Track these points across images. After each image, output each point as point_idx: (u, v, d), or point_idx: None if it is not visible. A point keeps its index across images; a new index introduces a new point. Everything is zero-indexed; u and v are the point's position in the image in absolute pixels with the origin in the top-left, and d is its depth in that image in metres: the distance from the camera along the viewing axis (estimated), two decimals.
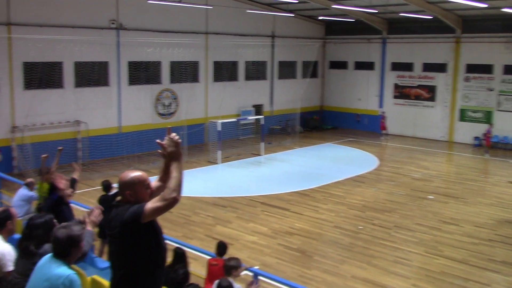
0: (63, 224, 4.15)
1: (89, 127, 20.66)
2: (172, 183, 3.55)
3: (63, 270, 3.90)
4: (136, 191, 3.75)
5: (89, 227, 4.88)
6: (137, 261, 3.71)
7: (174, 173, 3.59)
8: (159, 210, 3.56)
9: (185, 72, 24.30)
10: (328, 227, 13.66)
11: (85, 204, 11.62)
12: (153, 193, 3.91)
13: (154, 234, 3.78)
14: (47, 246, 4.59)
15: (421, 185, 18.21)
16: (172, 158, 3.69)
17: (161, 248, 3.91)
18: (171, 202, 3.53)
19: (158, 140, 3.80)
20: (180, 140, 3.77)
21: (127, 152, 21.48)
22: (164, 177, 3.97)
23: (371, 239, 12.74)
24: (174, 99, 24.11)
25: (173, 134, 3.75)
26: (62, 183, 7.08)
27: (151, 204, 3.59)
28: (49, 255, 4.03)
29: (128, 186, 3.77)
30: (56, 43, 19.29)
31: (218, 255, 7.96)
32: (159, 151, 3.81)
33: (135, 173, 3.84)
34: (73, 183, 9.09)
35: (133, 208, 3.63)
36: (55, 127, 19.82)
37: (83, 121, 20.56)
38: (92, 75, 21.14)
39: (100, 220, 5.04)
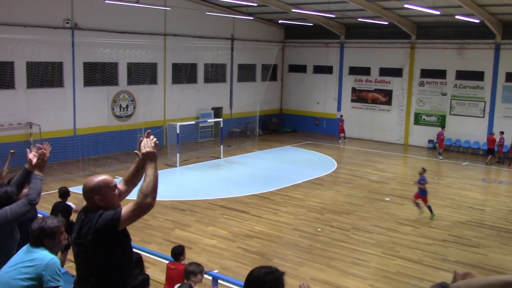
0: (42, 217, 4.28)
1: (42, 130, 19.99)
2: (146, 187, 3.51)
3: (46, 254, 3.98)
4: (105, 195, 3.63)
5: (36, 172, 4.80)
6: (111, 269, 3.60)
7: (148, 177, 3.56)
8: (135, 217, 3.51)
9: (142, 73, 23.91)
10: (287, 229, 13.69)
11: (39, 210, 11.17)
12: (121, 194, 3.82)
13: (127, 240, 3.71)
14: None
15: (378, 187, 18.54)
16: (148, 159, 3.66)
17: (132, 254, 3.85)
18: (146, 208, 3.49)
19: (141, 138, 3.78)
20: (157, 142, 3.77)
21: (82, 155, 20.90)
22: (131, 180, 3.93)
23: (329, 241, 12.84)
24: (132, 101, 23.68)
25: (152, 137, 3.75)
26: None
27: (126, 211, 3.50)
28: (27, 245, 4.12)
29: (95, 191, 3.63)
30: (7, 42, 18.58)
31: (174, 260, 7.83)
32: (136, 151, 3.77)
33: (100, 177, 3.73)
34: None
35: (107, 215, 3.52)
36: (6, 129, 19.07)
37: (36, 123, 19.88)
38: (45, 75, 20.48)
39: (44, 161, 4.92)
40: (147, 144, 3.69)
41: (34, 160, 4.87)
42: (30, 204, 4.70)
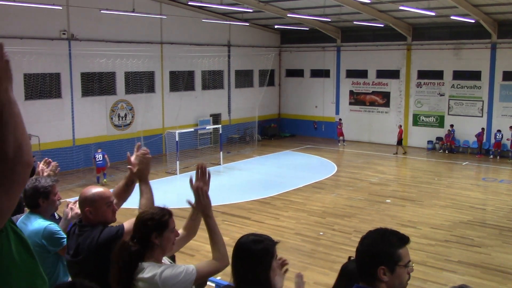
0: (34, 177, 4.24)
1: (41, 141, 19.97)
2: (147, 204, 3.47)
3: (39, 224, 3.92)
4: (96, 208, 3.46)
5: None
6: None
7: (146, 193, 3.52)
8: None
9: (140, 82, 23.94)
10: (289, 234, 13.66)
11: None
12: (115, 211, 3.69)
13: None
14: None
15: (379, 190, 18.52)
16: (140, 176, 3.61)
17: None
18: None
19: (128, 154, 3.71)
20: (149, 156, 3.71)
21: (82, 166, 20.89)
22: (121, 195, 3.80)
23: (332, 245, 12.81)
24: (130, 110, 23.69)
25: (144, 149, 3.66)
26: None
27: (130, 227, 3.36)
28: (24, 214, 4.07)
29: (88, 202, 3.47)
30: None
31: None
32: (129, 166, 3.68)
33: (97, 189, 3.57)
34: None
35: (110, 230, 3.39)
36: None
37: (35, 134, 19.83)
38: (43, 87, 20.49)
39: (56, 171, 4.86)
40: (139, 160, 3.61)
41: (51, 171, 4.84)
42: None
